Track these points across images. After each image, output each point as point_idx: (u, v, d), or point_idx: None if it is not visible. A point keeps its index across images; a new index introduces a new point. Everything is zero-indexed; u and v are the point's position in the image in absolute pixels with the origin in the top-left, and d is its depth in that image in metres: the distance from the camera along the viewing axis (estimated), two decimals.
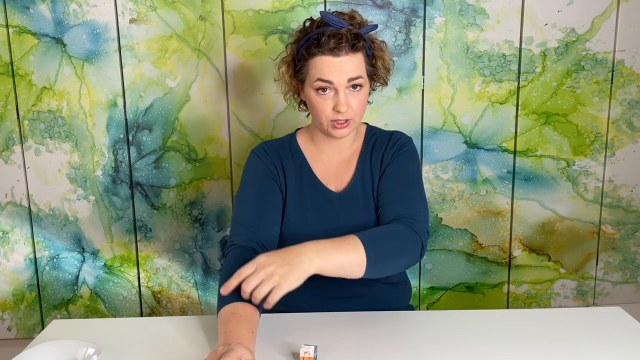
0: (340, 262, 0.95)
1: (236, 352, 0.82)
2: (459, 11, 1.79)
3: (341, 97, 1.08)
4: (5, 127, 1.89)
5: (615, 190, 1.93)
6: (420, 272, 1.96)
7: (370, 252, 0.97)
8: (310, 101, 1.13)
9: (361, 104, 1.12)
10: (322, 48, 1.07)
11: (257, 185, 1.17)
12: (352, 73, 1.08)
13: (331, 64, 1.07)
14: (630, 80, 1.86)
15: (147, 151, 1.89)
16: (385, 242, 1.02)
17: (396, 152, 1.18)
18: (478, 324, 1.04)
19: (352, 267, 0.97)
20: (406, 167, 1.17)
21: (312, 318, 1.07)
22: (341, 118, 1.09)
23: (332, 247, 0.96)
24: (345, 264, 0.96)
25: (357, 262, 0.96)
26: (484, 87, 1.84)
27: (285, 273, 0.90)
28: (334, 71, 1.07)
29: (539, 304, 2.00)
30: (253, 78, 1.83)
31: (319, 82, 1.09)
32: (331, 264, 0.94)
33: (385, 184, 1.16)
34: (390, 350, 0.94)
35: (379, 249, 0.99)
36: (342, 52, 1.07)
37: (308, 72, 1.11)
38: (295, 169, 1.20)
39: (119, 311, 2.01)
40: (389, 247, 1.02)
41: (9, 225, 1.96)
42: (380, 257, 0.99)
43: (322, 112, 1.11)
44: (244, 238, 1.11)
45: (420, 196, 1.15)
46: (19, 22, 1.81)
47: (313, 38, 1.09)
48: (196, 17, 1.80)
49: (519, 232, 1.94)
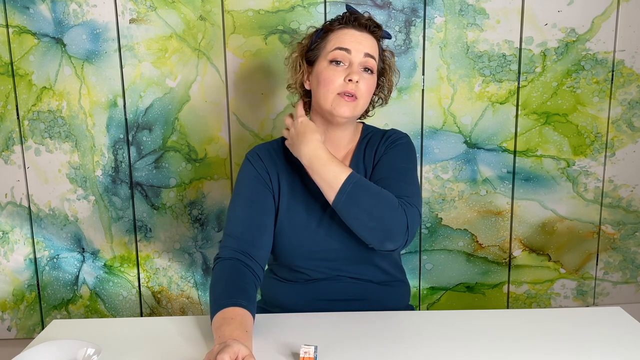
0: (318, 170, 1.06)
1: (232, 347, 0.82)
2: (459, 11, 1.79)
3: (355, 67, 1.12)
4: (5, 127, 1.89)
5: (615, 190, 1.93)
6: (420, 272, 1.96)
7: (347, 186, 1.03)
8: (319, 75, 1.14)
9: (369, 89, 1.14)
10: (346, 23, 1.14)
11: (247, 193, 1.17)
12: (369, 49, 1.13)
13: (352, 35, 1.13)
14: (630, 80, 1.86)
15: (147, 151, 1.89)
16: (368, 193, 1.03)
17: (389, 145, 1.18)
18: (478, 324, 1.04)
19: (323, 184, 1.06)
20: (398, 159, 1.16)
21: (312, 318, 1.07)
22: (350, 90, 1.10)
23: (323, 158, 1.07)
24: (320, 177, 1.06)
25: (330, 184, 1.05)
26: (484, 87, 1.84)
27: (292, 145, 1.14)
28: (354, 41, 1.12)
29: (539, 304, 2.00)
30: (253, 78, 1.83)
31: (336, 51, 1.12)
32: (312, 166, 1.07)
33: (376, 173, 1.16)
34: (390, 350, 0.94)
35: (357, 193, 1.02)
36: (365, 30, 1.14)
37: (325, 46, 1.14)
38: (290, 170, 1.19)
39: (119, 311, 2.01)
40: (368, 199, 1.03)
41: (9, 225, 1.96)
42: (353, 200, 1.02)
43: (332, 82, 1.11)
44: (231, 251, 1.10)
45: (413, 184, 1.14)
46: (19, 22, 1.81)
47: (337, 17, 1.16)
48: (196, 17, 1.80)
49: (519, 232, 1.94)
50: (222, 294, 1.00)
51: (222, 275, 1.06)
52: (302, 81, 1.20)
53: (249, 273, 1.07)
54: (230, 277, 1.05)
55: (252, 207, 1.15)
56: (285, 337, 0.99)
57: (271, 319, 1.06)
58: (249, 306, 0.98)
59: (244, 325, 0.93)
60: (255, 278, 1.07)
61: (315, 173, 1.07)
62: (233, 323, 0.93)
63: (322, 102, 1.13)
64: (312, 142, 1.09)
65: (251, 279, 1.06)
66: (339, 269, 1.15)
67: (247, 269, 1.07)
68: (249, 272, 1.07)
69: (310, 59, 1.17)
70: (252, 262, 1.09)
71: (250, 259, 1.09)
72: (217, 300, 0.99)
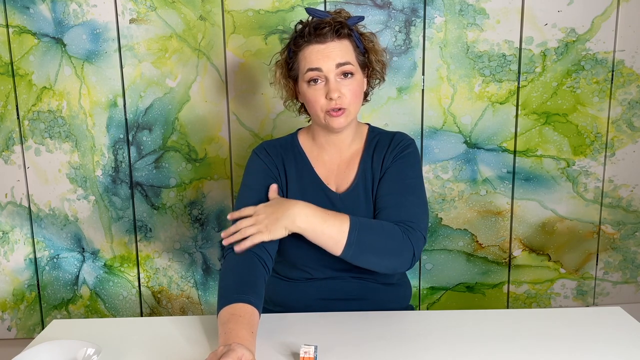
0: (320, 231, 1.01)
1: (236, 352, 0.82)
2: (459, 11, 1.79)
3: (332, 84, 1.09)
4: (5, 127, 1.89)
5: (615, 190, 1.93)
6: (420, 272, 1.96)
7: (352, 236, 1.00)
8: (304, 96, 1.14)
9: (354, 92, 1.11)
10: (308, 37, 1.09)
11: (257, 186, 1.17)
12: (339, 58, 1.09)
13: (318, 51, 1.09)
14: (630, 80, 1.86)
15: (147, 151, 1.89)
16: (374, 235, 1.03)
17: (397, 155, 1.16)
18: (478, 324, 1.04)
19: (329, 241, 1.02)
20: (405, 172, 1.15)
21: (312, 318, 1.07)
22: (334, 106, 1.09)
23: (320, 215, 1.02)
24: (324, 235, 1.01)
25: (336, 239, 1.01)
26: (484, 87, 1.84)
27: (270, 224, 1.02)
28: (321, 58, 1.09)
29: (539, 304, 2.00)
30: (253, 78, 1.83)
31: (309, 72, 1.10)
32: (311, 229, 1.01)
33: (383, 187, 1.15)
34: (390, 350, 0.94)
35: (364, 239, 1.01)
36: (327, 39, 1.09)
37: (299, 66, 1.12)
38: (297, 168, 1.20)
39: (119, 311, 2.01)
40: (374, 241, 1.02)
41: (9, 225, 1.96)
42: (361, 246, 1.01)
43: (317, 103, 1.11)
44: None
45: (419, 202, 1.13)
46: (19, 22, 1.81)
47: (299, 32, 1.12)
48: (196, 17, 1.80)
49: (519, 232, 1.94)
50: (232, 287, 1.00)
51: (233, 267, 1.05)
52: (294, 97, 1.21)
53: (260, 265, 1.06)
54: (242, 269, 1.04)
55: (261, 199, 1.15)
56: (285, 337, 0.99)
57: (271, 319, 1.07)
58: (257, 304, 0.98)
59: (250, 325, 0.93)
60: (266, 270, 1.07)
61: (318, 234, 1.02)
62: (241, 322, 0.93)
63: (315, 119, 1.15)
64: (298, 206, 1.03)
65: (261, 272, 1.06)
66: (341, 268, 1.15)
67: (259, 260, 1.07)
68: (260, 263, 1.07)
69: (293, 77, 1.17)
70: (263, 253, 1.08)
71: (261, 250, 1.09)
72: (226, 293, 0.99)
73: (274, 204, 1.06)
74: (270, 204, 1.06)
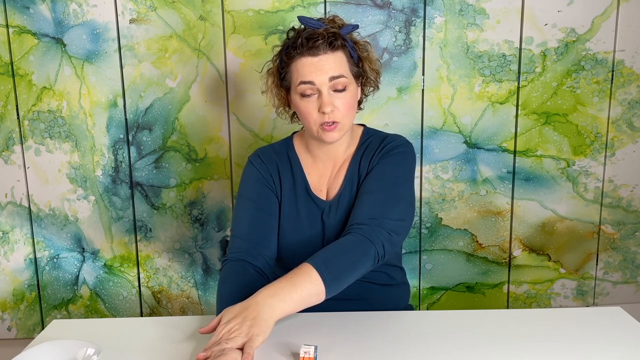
0: (299, 297, 0.93)
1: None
2: (459, 11, 1.79)
3: (325, 98, 1.06)
4: (5, 127, 1.89)
5: (615, 190, 1.93)
6: (420, 272, 1.96)
7: (325, 276, 0.95)
8: (297, 108, 1.11)
9: (347, 105, 1.08)
10: (301, 49, 1.06)
11: (252, 195, 1.16)
12: (333, 71, 1.06)
13: (310, 64, 1.06)
14: (630, 80, 1.86)
15: (147, 151, 1.89)
16: (339, 259, 0.99)
17: (385, 154, 1.13)
18: (478, 324, 1.04)
19: (312, 298, 0.95)
20: (388, 170, 1.12)
21: (312, 318, 1.07)
22: (327, 120, 1.06)
23: (288, 286, 0.94)
24: (304, 298, 0.94)
25: (315, 291, 0.95)
26: (484, 87, 1.84)
27: (250, 327, 0.88)
28: (314, 71, 1.05)
29: (539, 304, 2.00)
30: (253, 78, 1.83)
31: (301, 85, 1.07)
32: (291, 304, 0.93)
33: (363, 185, 1.12)
34: (390, 350, 0.94)
35: (334, 269, 0.97)
36: (320, 51, 1.05)
37: (291, 78, 1.09)
38: (291, 176, 1.19)
39: (119, 311, 2.01)
40: (343, 263, 0.99)
41: (9, 225, 1.96)
42: (336, 276, 0.97)
43: (310, 116, 1.08)
44: (239, 252, 1.10)
45: (395, 200, 1.08)
46: (19, 22, 1.81)
47: (291, 42, 1.08)
48: (196, 17, 1.80)
49: (519, 232, 1.94)
50: (227, 296, 1.01)
51: (228, 277, 1.06)
52: (286, 105, 1.18)
53: (257, 274, 1.07)
54: (237, 278, 1.05)
55: (258, 209, 1.15)
56: (285, 337, 0.99)
57: None
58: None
59: None
60: (264, 278, 1.08)
61: (298, 302, 0.94)
62: None
63: (308, 131, 1.13)
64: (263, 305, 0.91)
65: (259, 280, 1.06)
66: None
67: (255, 270, 1.08)
68: (257, 273, 1.07)
69: (285, 86, 1.14)
70: (260, 262, 1.09)
71: (257, 260, 1.09)
72: (223, 302, 1.00)
73: (236, 310, 0.92)
74: (233, 311, 0.92)
